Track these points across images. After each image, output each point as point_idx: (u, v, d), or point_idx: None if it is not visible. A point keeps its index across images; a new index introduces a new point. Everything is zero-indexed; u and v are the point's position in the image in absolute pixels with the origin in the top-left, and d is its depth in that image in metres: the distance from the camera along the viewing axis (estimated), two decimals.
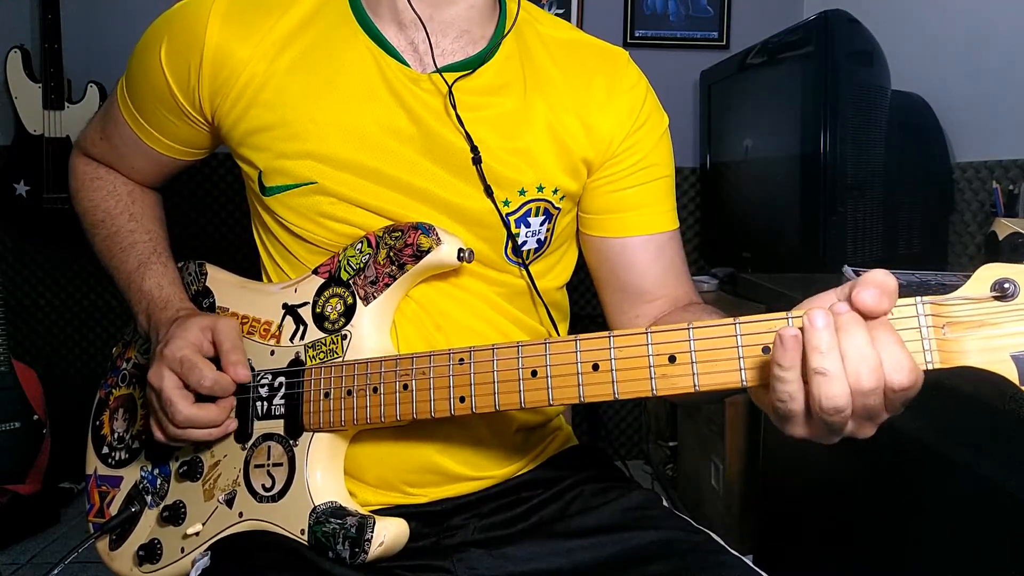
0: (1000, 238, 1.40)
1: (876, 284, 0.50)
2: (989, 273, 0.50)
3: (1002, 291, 0.49)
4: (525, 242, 0.81)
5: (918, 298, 0.51)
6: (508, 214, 0.79)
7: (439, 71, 0.76)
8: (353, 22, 0.78)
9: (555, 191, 0.81)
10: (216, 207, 2.47)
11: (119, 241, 0.88)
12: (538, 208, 0.81)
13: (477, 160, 0.76)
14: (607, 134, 0.82)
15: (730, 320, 0.56)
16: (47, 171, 2.22)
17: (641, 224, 0.85)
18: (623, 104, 0.83)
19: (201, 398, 0.76)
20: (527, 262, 0.83)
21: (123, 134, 0.86)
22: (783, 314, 0.54)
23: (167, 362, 0.74)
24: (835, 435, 0.53)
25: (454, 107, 0.76)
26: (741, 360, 0.55)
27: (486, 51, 0.80)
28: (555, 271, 0.88)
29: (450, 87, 0.76)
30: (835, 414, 0.50)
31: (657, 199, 0.86)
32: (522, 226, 0.81)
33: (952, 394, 0.93)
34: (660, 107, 0.87)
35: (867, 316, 0.50)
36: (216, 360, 0.77)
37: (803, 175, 1.70)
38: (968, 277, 0.51)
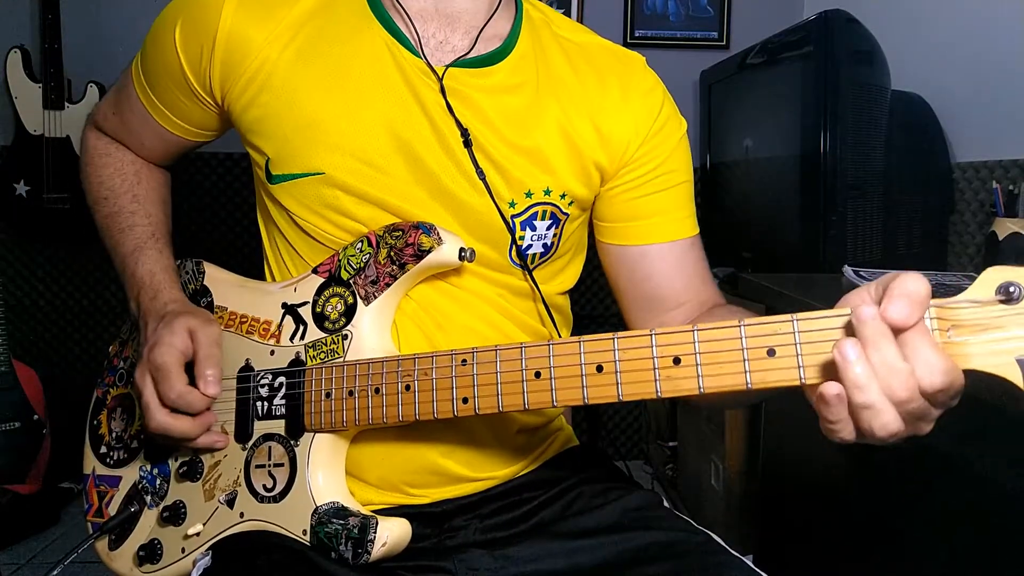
0: (1000, 238, 1.40)
1: (905, 295, 0.49)
2: (995, 276, 0.50)
3: (1007, 294, 0.49)
4: (530, 246, 0.81)
5: None
6: (514, 216, 0.79)
7: (436, 68, 0.76)
8: (368, 11, 0.78)
9: (563, 195, 0.80)
10: (216, 207, 2.47)
11: (119, 222, 0.87)
12: (545, 212, 0.80)
13: (468, 143, 0.75)
14: (622, 140, 0.81)
15: (735, 322, 0.56)
16: (47, 171, 2.22)
17: (661, 231, 0.84)
18: (639, 110, 0.82)
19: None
20: (532, 267, 0.82)
21: (135, 110, 0.86)
22: (788, 316, 0.54)
23: (150, 366, 0.75)
24: (890, 441, 0.53)
25: (444, 95, 0.75)
26: (746, 363, 0.55)
27: (500, 49, 0.79)
28: (559, 278, 0.88)
29: (440, 78, 0.75)
30: (891, 438, 0.51)
31: (676, 205, 0.85)
32: (527, 229, 0.80)
33: None
34: (678, 112, 0.86)
35: (896, 329, 0.50)
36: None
37: (803, 175, 1.70)
38: (968, 277, 0.51)
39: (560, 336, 0.90)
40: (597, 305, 2.40)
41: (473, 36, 0.79)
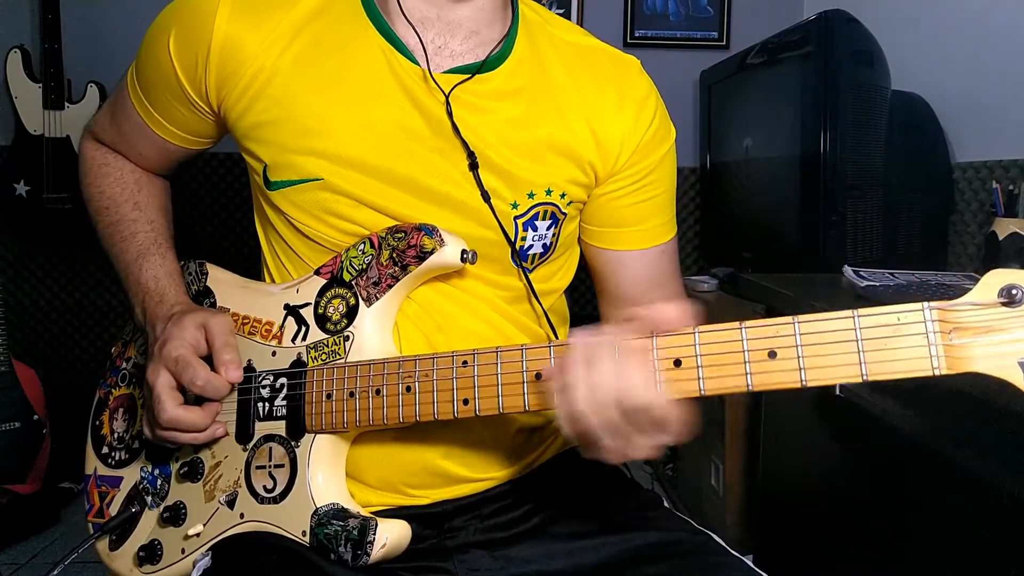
0: (1000, 238, 1.40)
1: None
2: (997, 279, 0.50)
3: (1010, 297, 0.49)
4: (531, 246, 0.81)
5: (925, 304, 0.51)
6: (516, 216, 0.79)
7: (435, 75, 0.76)
8: (364, 17, 0.78)
9: (563, 195, 0.81)
10: (216, 207, 2.47)
11: (121, 230, 0.87)
12: (545, 212, 0.81)
13: (474, 166, 0.76)
14: (616, 144, 0.82)
15: (736, 324, 0.56)
16: (47, 171, 2.21)
17: (636, 239, 0.88)
18: (633, 116, 0.83)
19: (198, 400, 0.76)
20: (532, 267, 0.83)
21: (131, 120, 0.86)
22: (789, 319, 0.54)
23: (164, 361, 0.75)
24: (595, 450, 0.61)
25: (450, 115, 0.75)
26: (747, 365, 0.56)
27: (498, 54, 0.79)
28: (558, 275, 0.89)
29: (447, 95, 0.75)
30: (580, 423, 0.59)
31: (656, 213, 0.88)
32: (529, 229, 0.80)
33: (952, 395, 0.93)
34: (668, 119, 0.87)
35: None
36: (211, 358, 0.77)
37: (803, 175, 1.70)
38: (968, 277, 0.51)
39: (559, 337, 0.90)
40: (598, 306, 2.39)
41: (472, 41, 0.79)
